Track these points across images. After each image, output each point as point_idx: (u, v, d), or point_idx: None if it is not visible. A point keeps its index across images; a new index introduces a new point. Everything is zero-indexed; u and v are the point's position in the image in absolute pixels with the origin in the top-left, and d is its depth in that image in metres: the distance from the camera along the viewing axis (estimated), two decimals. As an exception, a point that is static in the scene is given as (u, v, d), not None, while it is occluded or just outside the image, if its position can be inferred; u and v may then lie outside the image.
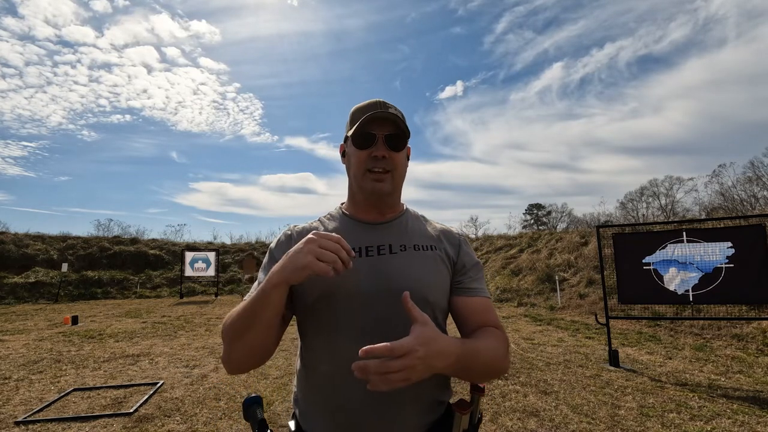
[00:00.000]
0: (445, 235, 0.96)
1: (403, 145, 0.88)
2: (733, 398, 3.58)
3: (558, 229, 23.57)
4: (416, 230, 0.93)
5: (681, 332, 6.26)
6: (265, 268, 0.88)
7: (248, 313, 0.73)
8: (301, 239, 0.83)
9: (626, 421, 3.13)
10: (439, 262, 0.89)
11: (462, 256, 0.94)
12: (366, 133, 0.85)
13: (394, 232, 0.90)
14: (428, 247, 0.90)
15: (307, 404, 0.86)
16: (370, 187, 0.87)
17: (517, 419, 3.19)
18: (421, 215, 1.01)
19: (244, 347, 0.75)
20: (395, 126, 0.87)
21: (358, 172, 0.88)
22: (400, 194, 0.96)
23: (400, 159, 0.89)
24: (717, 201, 19.61)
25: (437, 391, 0.86)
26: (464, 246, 0.96)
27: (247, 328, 0.73)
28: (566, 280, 10.31)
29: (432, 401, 0.85)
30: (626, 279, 4.84)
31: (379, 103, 0.88)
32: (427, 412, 0.84)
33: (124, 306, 11.59)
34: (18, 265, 14.46)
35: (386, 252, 0.86)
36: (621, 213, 25.63)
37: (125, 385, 4.12)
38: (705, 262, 4.44)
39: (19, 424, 3.19)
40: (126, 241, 17.96)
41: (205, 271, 14.39)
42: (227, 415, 3.35)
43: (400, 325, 0.75)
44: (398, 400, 0.79)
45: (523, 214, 37.01)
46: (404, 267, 0.84)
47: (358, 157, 0.87)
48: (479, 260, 0.98)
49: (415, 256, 0.86)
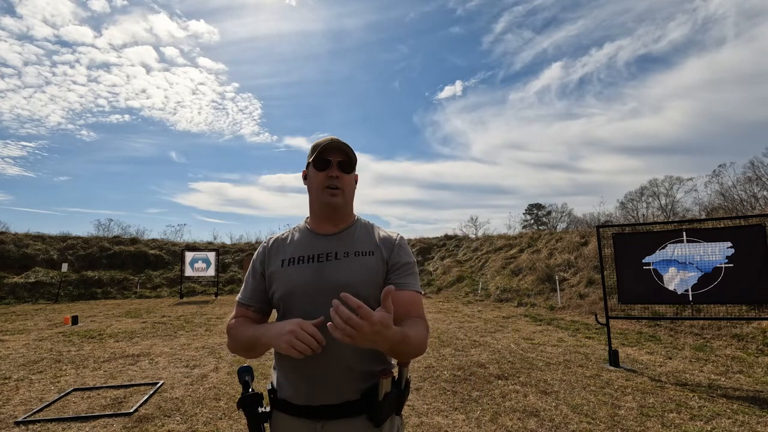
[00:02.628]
0: (383, 240, 1.17)
1: (351, 169, 1.16)
2: (733, 398, 3.58)
3: (558, 229, 23.55)
4: (361, 238, 1.16)
5: (681, 332, 6.26)
6: (250, 274, 1.18)
7: (251, 346, 1.06)
8: (272, 250, 1.18)
9: (626, 421, 3.13)
10: (374, 263, 1.11)
11: (393, 257, 1.14)
12: (324, 159, 1.12)
13: (342, 241, 1.14)
14: (367, 253, 1.12)
15: (279, 371, 1.12)
16: (326, 200, 1.12)
17: (517, 419, 3.19)
18: (370, 224, 1.24)
19: (248, 355, 1.12)
20: (345, 155, 1.14)
21: (318, 189, 1.13)
22: (352, 207, 1.22)
23: (349, 180, 1.16)
24: (717, 201, 19.59)
25: (373, 364, 1.07)
26: (396, 249, 1.16)
27: (249, 351, 1.09)
28: (566, 280, 10.31)
29: (368, 371, 1.06)
30: (626, 279, 4.84)
31: (334, 138, 1.14)
32: (363, 380, 1.05)
33: (124, 306, 11.59)
34: (18, 265, 14.46)
35: (332, 258, 1.10)
36: (621, 213, 25.61)
37: (125, 385, 4.12)
38: (704, 262, 4.44)
39: (19, 424, 3.19)
40: (126, 241, 17.96)
41: (205, 271, 14.39)
42: (227, 415, 3.35)
43: None
44: (338, 369, 1.02)
45: (523, 214, 37.05)
46: (344, 269, 1.08)
47: (317, 178, 1.13)
48: (414, 260, 1.19)
49: (355, 261, 1.10)
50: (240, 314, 1.15)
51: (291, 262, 1.11)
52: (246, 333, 1.06)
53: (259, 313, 1.16)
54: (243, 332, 1.07)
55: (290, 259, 1.12)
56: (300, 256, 1.12)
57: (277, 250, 1.17)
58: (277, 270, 1.12)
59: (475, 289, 12.70)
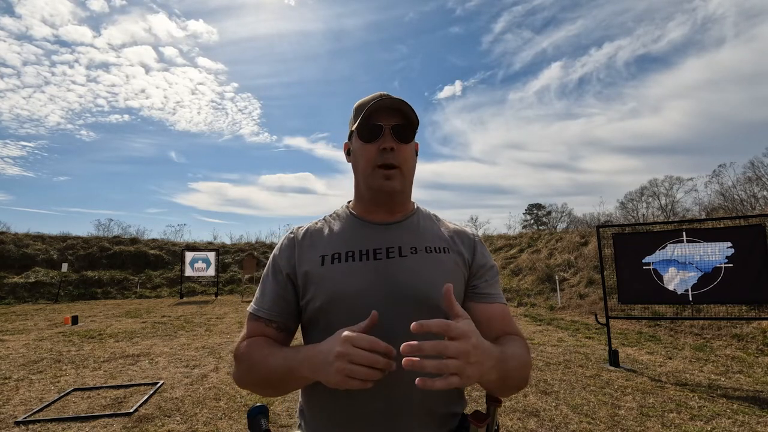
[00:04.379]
0: (459, 235, 0.90)
1: (411, 136, 0.84)
2: (733, 398, 3.58)
3: (558, 229, 23.54)
4: (428, 231, 0.88)
5: (681, 332, 6.26)
6: (269, 276, 0.86)
7: (279, 380, 0.73)
8: (305, 243, 0.85)
9: (626, 421, 3.13)
10: (452, 264, 0.84)
11: (478, 258, 0.88)
12: (372, 125, 0.81)
13: (405, 233, 0.85)
14: (441, 249, 0.84)
15: (312, 416, 0.81)
16: (378, 184, 0.82)
17: (517, 419, 3.19)
18: (433, 214, 0.96)
19: (268, 393, 0.79)
20: (403, 116, 0.82)
21: (366, 169, 0.83)
22: (411, 192, 0.91)
23: (408, 152, 0.84)
24: (717, 201, 19.61)
25: (450, 402, 0.81)
26: (479, 247, 0.90)
27: (273, 387, 0.76)
28: (566, 280, 10.31)
29: (445, 413, 0.79)
30: (626, 279, 4.84)
31: (384, 94, 0.83)
32: (440, 424, 0.78)
33: (124, 306, 11.59)
34: (18, 265, 14.46)
35: (396, 255, 0.81)
36: (621, 213, 25.61)
37: (125, 385, 4.12)
38: (704, 262, 4.44)
39: (19, 424, 3.19)
40: (126, 241, 17.95)
41: (205, 271, 14.38)
42: (227, 415, 3.35)
43: (409, 332, 0.70)
44: (409, 411, 0.74)
45: (523, 214, 37.03)
46: (415, 270, 0.79)
47: (365, 152, 0.82)
48: (495, 263, 0.92)
49: (426, 259, 0.82)
50: (256, 332, 0.81)
51: (336, 259, 0.80)
52: (272, 361, 0.72)
53: (282, 332, 0.83)
54: (267, 359, 0.73)
55: (335, 255, 0.81)
56: (350, 250, 0.81)
57: (313, 243, 0.85)
58: (316, 269, 0.80)
59: (475, 289, 12.70)
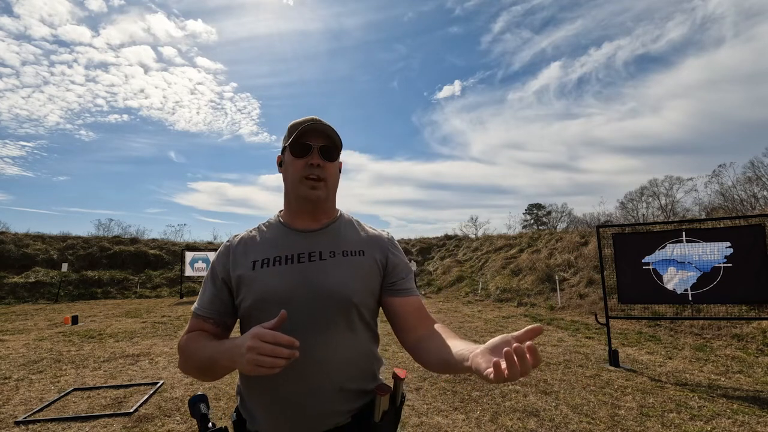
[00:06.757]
0: (374, 239, 1.03)
1: (335, 156, 0.98)
2: (733, 398, 3.58)
3: (558, 229, 23.56)
4: (347, 236, 1.00)
5: (681, 332, 6.26)
6: (208, 280, 0.99)
7: (207, 368, 0.85)
8: (239, 249, 0.97)
9: (626, 421, 3.13)
10: (366, 266, 0.96)
11: (391, 258, 1.01)
12: (303, 144, 0.94)
13: (326, 238, 0.98)
14: (357, 253, 0.97)
15: (247, 395, 0.94)
16: (305, 193, 0.94)
17: (517, 419, 3.19)
18: (355, 220, 1.08)
19: (204, 378, 0.90)
20: (329, 138, 0.96)
21: (295, 180, 0.95)
22: (335, 201, 1.04)
23: (332, 169, 0.98)
24: (717, 201, 19.62)
25: (364, 382, 0.94)
26: (392, 249, 1.03)
27: (205, 374, 0.87)
28: (566, 280, 10.31)
29: (356, 390, 0.92)
30: (626, 279, 4.84)
31: (315, 118, 0.96)
32: (353, 400, 0.91)
33: (124, 306, 11.59)
34: (18, 265, 14.46)
35: (316, 258, 0.93)
36: (621, 213, 25.61)
37: (125, 385, 4.12)
38: (703, 262, 4.45)
39: (19, 424, 3.19)
40: (126, 241, 17.96)
41: (205, 271, 14.30)
42: (227, 415, 3.34)
43: (326, 325, 0.89)
44: (324, 391, 0.87)
45: (522, 213, 37.04)
46: (331, 272, 0.92)
47: (295, 166, 0.95)
48: (407, 262, 1.05)
49: (342, 262, 0.94)
50: (196, 327, 0.96)
51: (265, 263, 0.92)
52: (202, 352, 0.85)
53: (219, 327, 0.96)
54: (198, 351, 0.86)
55: (264, 260, 0.92)
56: (276, 256, 0.93)
57: (246, 250, 0.96)
58: (247, 273, 0.92)
59: (475, 289, 12.70)
